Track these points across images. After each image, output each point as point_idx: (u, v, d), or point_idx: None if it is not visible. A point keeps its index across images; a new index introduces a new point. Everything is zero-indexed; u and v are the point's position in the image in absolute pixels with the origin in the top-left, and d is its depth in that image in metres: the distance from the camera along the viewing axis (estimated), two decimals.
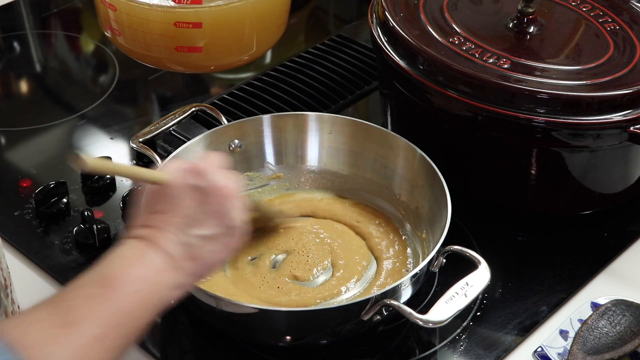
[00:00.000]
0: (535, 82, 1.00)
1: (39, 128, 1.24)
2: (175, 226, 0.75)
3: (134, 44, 1.14)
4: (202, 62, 1.15)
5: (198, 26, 1.07)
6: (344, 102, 1.28)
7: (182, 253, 0.75)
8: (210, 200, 0.76)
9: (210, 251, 0.77)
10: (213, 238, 0.77)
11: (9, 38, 1.44)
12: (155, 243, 0.75)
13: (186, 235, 0.75)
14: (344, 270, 0.99)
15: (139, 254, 0.74)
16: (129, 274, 0.72)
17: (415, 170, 1.03)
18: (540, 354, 0.92)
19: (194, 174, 0.77)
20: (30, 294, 0.99)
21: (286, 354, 0.94)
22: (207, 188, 0.76)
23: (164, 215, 0.76)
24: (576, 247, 1.07)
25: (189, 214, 0.76)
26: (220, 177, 0.78)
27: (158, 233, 0.75)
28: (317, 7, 1.58)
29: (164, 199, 0.77)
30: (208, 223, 0.76)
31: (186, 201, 0.76)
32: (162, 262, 0.74)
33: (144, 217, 0.77)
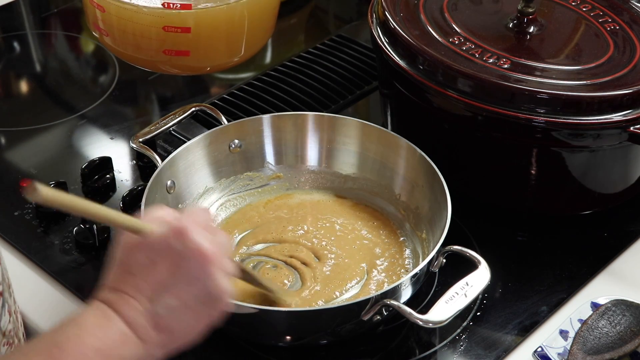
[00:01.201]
0: (535, 82, 1.00)
1: (39, 128, 1.24)
2: (144, 292, 0.69)
3: (121, 45, 1.12)
4: (191, 65, 1.13)
5: (187, 31, 1.05)
6: (344, 102, 1.28)
7: (148, 325, 0.69)
8: (189, 265, 0.70)
9: (184, 321, 0.71)
10: (189, 307, 0.70)
11: (9, 38, 1.44)
12: (118, 310, 0.69)
13: (155, 304, 0.69)
14: (344, 271, 0.98)
15: (98, 321, 0.69)
16: (80, 344, 0.66)
17: (415, 170, 1.03)
18: (540, 354, 0.92)
19: (175, 233, 0.70)
20: (30, 294, 1.00)
21: (286, 354, 0.94)
22: (187, 251, 0.70)
23: (135, 278, 0.70)
24: (576, 247, 1.07)
25: (163, 279, 0.70)
26: (204, 240, 0.71)
27: (123, 299, 0.69)
28: (317, 7, 1.58)
29: (139, 256, 0.71)
30: (183, 291, 0.70)
31: (161, 264, 0.70)
32: (122, 333, 0.68)
33: (115, 277, 0.72)
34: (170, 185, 1.01)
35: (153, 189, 0.97)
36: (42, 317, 0.97)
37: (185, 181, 1.04)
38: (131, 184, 1.14)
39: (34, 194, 0.63)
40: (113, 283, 0.71)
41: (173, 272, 0.70)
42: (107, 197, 1.12)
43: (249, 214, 1.06)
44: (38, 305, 0.99)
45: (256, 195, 1.09)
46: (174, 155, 1.02)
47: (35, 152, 1.21)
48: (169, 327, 0.70)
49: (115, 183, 1.14)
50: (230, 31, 1.11)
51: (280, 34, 1.49)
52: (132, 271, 0.70)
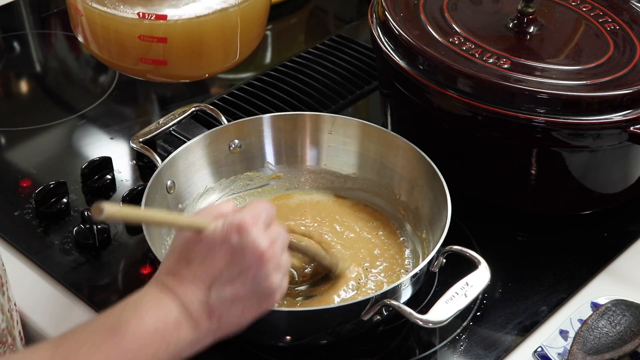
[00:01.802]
0: (535, 82, 1.00)
1: (39, 128, 1.24)
2: (202, 281, 0.72)
3: (101, 50, 1.10)
4: (168, 74, 1.10)
5: (163, 41, 1.02)
6: (344, 102, 1.28)
7: (203, 311, 0.72)
8: (245, 260, 0.73)
9: (234, 312, 0.74)
10: (240, 299, 0.73)
11: (9, 38, 1.44)
12: (176, 295, 0.72)
13: (210, 293, 0.72)
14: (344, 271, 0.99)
15: (157, 303, 0.71)
16: (140, 325, 0.69)
17: (415, 170, 1.03)
18: (540, 354, 0.92)
19: (234, 229, 0.73)
20: (30, 294, 1.00)
21: (286, 354, 0.94)
22: (244, 249, 0.73)
23: (193, 267, 0.73)
24: (576, 247, 1.07)
25: (219, 270, 0.73)
26: (261, 237, 0.73)
27: (182, 285, 0.72)
28: (317, 7, 1.58)
29: (198, 247, 0.73)
30: (237, 284, 0.73)
31: (218, 256, 0.73)
32: (177, 317, 0.71)
33: (173, 263, 0.74)
34: (170, 185, 1.01)
35: (153, 189, 0.97)
36: (42, 317, 0.97)
37: (185, 181, 1.04)
38: (131, 184, 1.14)
39: (100, 214, 0.67)
40: (171, 269, 0.74)
41: (229, 265, 0.73)
42: (107, 197, 1.12)
43: None
44: (38, 305, 0.99)
45: (256, 196, 1.09)
46: (174, 155, 1.02)
47: (35, 152, 1.21)
48: (220, 316, 0.73)
49: (115, 183, 1.14)
50: (208, 42, 1.07)
51: (280, 34, 1.50)
52: (191, 259, 0.73)
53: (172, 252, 0.76)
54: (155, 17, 0.98)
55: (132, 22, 1.01)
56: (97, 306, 0.97)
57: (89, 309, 0.98)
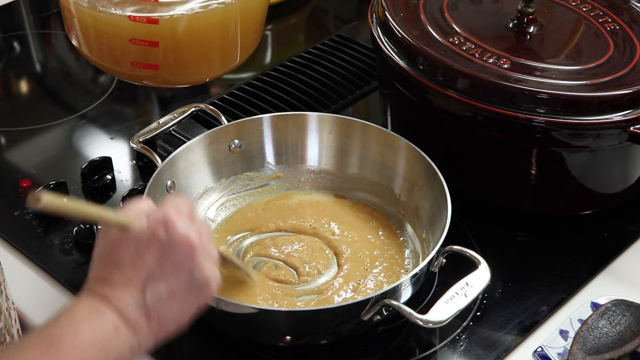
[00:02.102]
0: (535, 82, 1.00)
1: (39, 128, 1.24)
2: (134, 283, 0.71)
3: (92, 52, 1.08)
4: (160, 79, 1.09)
5: (155, 45, 1.00)
6: (344, 102, 1.28)
7: (140, 313, 0.71)
8: (176, 255, 0.71)
9: (172, 310, 0.72)
10: (177, 296, 0.72)
11: (9, 38, 1.44)
12: (109, 302, 0.70)
13: (145, 294, 0.71)
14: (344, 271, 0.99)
15: (91, 313, 0.70)
16: (76, 336, 0.68)
17: (415, 170, 1.03)
18: (540, 354, 0.92)
19: (160, 224, 0.72)
20: (30, 294, 1.00)
21: (286, 354, 0.94)
22: (173, 241, 0.71)
23: (123, 270, 0.71)
24: (576, 247, 1.07)
25: (151, 269, 0.71)
26: (189, 229, 0.72)
27: (114, 290, 0.71)
28: (317, 7, 1.58)
29: (125, 248, 0.72)
30: (171, 280, 0.72)
31: (148, 255, 0.71)
32: (114, 324, 0.70)
33: (102, 269, 0.73)
34: (170, 185, 1.01)
35: (153, 189, 0.97)
36: (42, 317, 0.97)
37: (185, 181, 1.04)
38: (131, 184, 1.14)
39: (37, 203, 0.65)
40: (101, 276, 0.72)
41: (160, 262, 0.71)
42: (107, 197, 1.12)
43: (248, 214, 1.06)
44: (38, 305, 0.99)
45: (256, 196, 1.09)
46: (174, 155, 1.02)
47: (35, 152, 1.21)
48: (158, 316, 0.72)
49: (115, 183, 1.14)
50: (202, 48, 1.05)
51: (280, 34, 1.50)
52: (120, 263, 0.71)
53: (98, 257, 0.74)
54: (147, 21, 0.97)
55: (124, 25, 0.99)
56: None
57: None
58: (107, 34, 1.00)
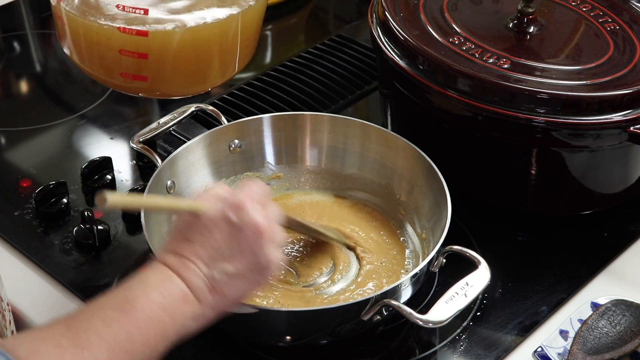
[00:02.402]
0: (535, 82, 1.00)
1: (39, 128, 1.24)
2: (202, 258, 0.76)
3: (81, 60, 1.07)
4: (149, 90, 1.08)
5: (144, 57, 1.00)
6: (344, 102, 1.28)
7: (205, 286, 0.76)
8: (243, 236, 0.77)
9: (235, 287, 0.77)
10: (239, 274, 0.77)
11: (9, 38, 1.44)
12: (178, 272, 0.75)
13: (212, 269, 0.76)
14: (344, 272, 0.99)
15: (162, 281, 0.75)
16: (147, 300, 0.72)
17: (415, 170, 1.03)
18: (540, 354, 0.92)
19: (231, 207, 0.77)
20: (30, 294, 1.00)
21: (286, 354, 0.94)
22: (242, 224, 0.77)
23: (194, 245, 0.76)
24: (576, 247, 1.07)
25: (219, 247, 0.76)
26: (257, 214, 0.77)
27: (184, 263, 0.76)
28: (317, 7, 1.58)
29: (198, 227, 0.77)
30: (236, 259, 0.77)
31: (218, 234, 0.76)
32: (182, 293, 0.75)
33: (175, 243, 0.78)
34: (170, 185, 1.01)
35: (153, 189, 0.97)
36: (42, 317, 0.97)
37: (185, 181, 1.04)
38: (131, 184, 1.14)
39: (104, 203, 0.71)
40: (174, 248, 0.77)
41: (228, 242, 0.77)
42: None
43: None
44: (38, 305, 0.99)
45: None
46: (174, 155, 1.02)
47: (35, 152, 1.21)
48: (222, 291, 0.76)
49: (115, 183, 1.14)
50: (191, 61, 1.04)
51: (280, 34, 1.50)
52: (192, 239, 0.77)
53: (173, 234, 0.79)
54: (136, 33, 0.96)
55: (114, 35, 0.98)
56: None
57: None
58: (98, 43, 1.00)
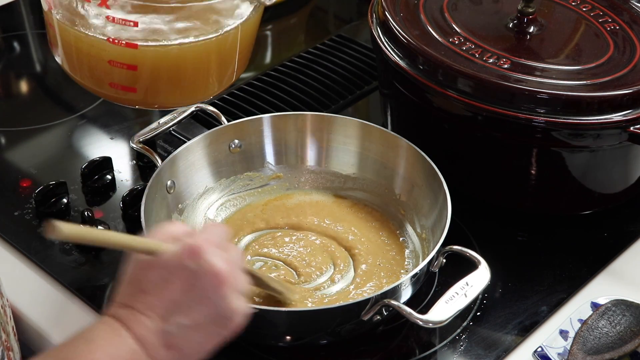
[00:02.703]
0: (535, 82, 1.00)
1: (39, 128, 1.24)
2: (156, 311, 0.70)
3: (71, 69, 1.05)
4: (138, 101, 1.05)
5: (133, 68, 0.98)
6: (344, 102, 1.28)
7: (159, 342, 0.70)
8: (202, 285, 0.70)
9: (193, 340, 0.71)
10: (200, 327, 0.71)
11: (9, 38, 1.44)
12: (129, 327, 0.69)
13: (167, 323, 0.70)
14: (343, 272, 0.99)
15: (110, 338, 0.69)
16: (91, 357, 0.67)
17: (415, 170, 1.03)
18: (540, 354, 0.92)
19: (189, 252, 0.71)
20: (30, 294, 1.00)
21: (286, 354, 0.94)
22: (200, 271, 0.70)
23: (147, 296, 0.70)
24: (576, 247, 1.07)
25: (175, 298, 0.70)
26: (218, 260, 0.71)
27: (135, 316, 0.70)
28: (317, 7, 1.58)
29: (153, 274, 0.71)
30: (195, 310, 0.71)
31: (175, 283, 0.70)
32: (133, 351, 0.69)
33: (128, 294, 0.72)
34: (170, 185, 1.01)
35: (153, 189, 0.97)
36: (42, 317, 0.97)
37: (185, 181, 1.04)
38: (131, 184, 1.14)
39: (54, 233, 0.65)
40: (125, 299, 0.71)
41: (186, 291, 0.70)
42: (107, 197, 1.12)
43: (248, 214, 1.06)
44: (38, 305, 0.99)
45: (256, 196, 1.09)
46: (174, 155, 1.02)
47: (35, 152, 1.21)
48: (179, 346, 0.71)
49: (115, 183, 1.14)
50: (181, 73, 1.02)
51: (280, 34, 1.50)
52: (145, 289, 0.71)
53: (125, 281, 0.73)
54: (125, 44, 0.96)
55: (103, 46, 0.97)
56: (97, 306, 0.97)
57: (88, 309, 0.98)
58: (88, 53, 0.99)
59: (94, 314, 0.97)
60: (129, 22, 0.93)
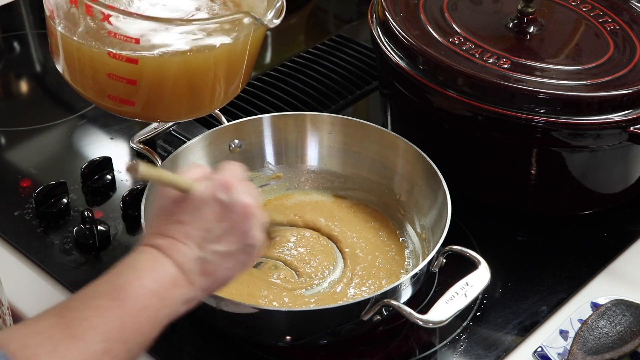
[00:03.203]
0: (535, 82, 1.00)
1: (39, 128, 1.24)
2: (193, 239, 0.74)
3: (71, 77, 1.05)
4: (136, 114, 1.06)
5: (132, 83, 0.98)
6: (344, 102, 1.28)
7: (196, 268, 0.74)
8: (233, 216, 0.75)
9: (225, 267, 0.76)
10: (229, 255, 0.76)
11: (9, 38, 1.44)
12: (170, 255, 0.73)
13: (203, 250, 0.74)
14: (344, 272, 0.99)
15: (152, 265, 0.73)
16: (140, 287, 0.71)
17: (415, 170, 1.03)
18: (540, 354, 0.92)
19: (221, 187, 0.76)
20: (30, 294, 1.00)
21: (286, 354, 0.94)
22: (232, 204, 0.75)
23: (184, 226, 0.75)
24: (576, 247, 1.07)
25: (209, 228, 0.75)
26: (245, 195, 0.76)
27: (174, 245, 0.74)
28: (317, 7, 1.58)
29: (187, 207, 0.75)
30: (227, 239, 0.75)
31: (209, 214, 0.75)
32: (174, 277, 0.73)
33: (163, 225, 0.76)
34: None
35: (153, 189, 0.97)
36: None
37: None
38: (131, 184, 1.14)
39: (136, 173, 0.72)
40: (162, 230, 0.75)
41: (219, 221, 0.75)
42: (107, 197, 1.12)
43: None
44: (38, 305, 0.99)
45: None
46: (174, 155, 1.02)
47: (35, 152, 1.21)
48: (213, 272, 0.75)
49: (115, 183, 1.14)
50: (179, 90, 1.02)
51: (280, 34, 1.50)
52: (181, 219, 0.75)
53: (159, 213, 0.77)
54: (126, 60, 0.96)
55: (103, 59, 0.97)
56: None
57: None
58: (87, 65, 0.99)
59: None
60: (130, 39, 0.93)
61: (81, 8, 0.95)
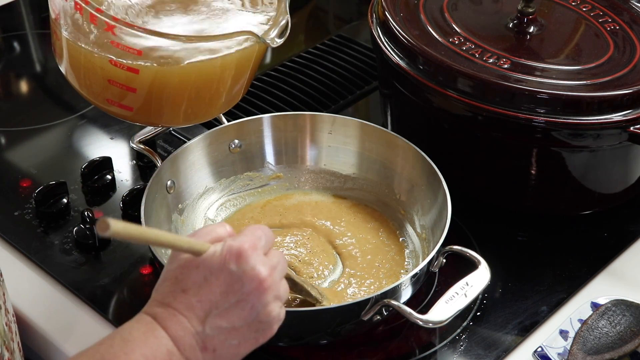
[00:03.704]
0: (535, 82, 1.00)
1: (39, 128, 1.24)
2: (195, 312, 0.69)
3: (72, 79, 1.04)
4: (134, 119, 1.05)
5: (132, 90, 0.97)
6: (344, 102, 1.28)
7: (195, 344, 0.69)
8: (244, 289, 0.70)
9: (231, 344, 0.71)
10: (237, 331, 0.70)
11: (9, 38, 1.44)
12: (167, 328, 0.69)
13: (205, 325, 0.69)
14: (344, 272, 0.99)
15: (146, 338, 0.68)
16: (128, 357, 0.67)
17: (415, 170, 1.03)
18: (540, 354, 0.92)
19: (233, 255, 0.70)
20: (30, 294, 1.00)
21: (286, 354, 0.94)
22: (243, 276, 0.69)
23: (187, 296, 0.69)
24: (576, 247, 1.07)
25: (215, 301, 0.69)
26: (262, 265, 0.70)
27: (174, 316, 0.69)
28: (317, 7, 1.58)
29: (194, 273, 0.70)
30: (234, 314, 0.70)
31: (215, 286, 0.69)
32: (169, 351, 0.68)
33: (167, 292, 0.71)
34: (170, 185, 1.01)
35: (153, 189, 0.97)
36: (42, 317, 0.97)
37: (185, 181, 1.04)
38: (131, 184, 1.14)
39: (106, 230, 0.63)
40: (164, 298, 0.70)
41: (226, 294, 0.70)
42: (107, 197, 1.12)
43: (248, 214, 1.06)
44: (38, 305, 0.99)
45: (256, 196, 1.09)
46: (174, 155, 1.02)
47: (35, 152, 1.21)
48: (215, 349, 0.70)
49: (115, 183, 1.14)
50: (179, 98, 1.01)
51: None
52: (185, 288, 0.70)
53: (166, 278, 0.72)
54: (127, 69, 0.95)
55: (104, 66, 0.96)
56: (97, 306, 0.97)
57: (89, 309, 0.98)
58: (85, 66, 0.99)
59: (93, 314, 0.97)
60: (132, 50, 0.93)
61: (85, 15, 0.95)
